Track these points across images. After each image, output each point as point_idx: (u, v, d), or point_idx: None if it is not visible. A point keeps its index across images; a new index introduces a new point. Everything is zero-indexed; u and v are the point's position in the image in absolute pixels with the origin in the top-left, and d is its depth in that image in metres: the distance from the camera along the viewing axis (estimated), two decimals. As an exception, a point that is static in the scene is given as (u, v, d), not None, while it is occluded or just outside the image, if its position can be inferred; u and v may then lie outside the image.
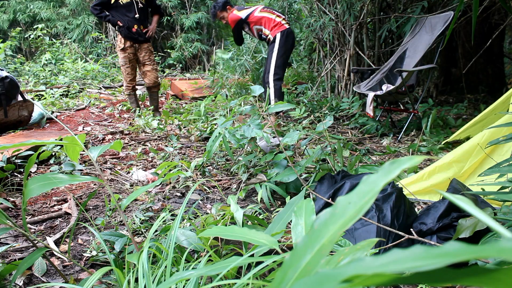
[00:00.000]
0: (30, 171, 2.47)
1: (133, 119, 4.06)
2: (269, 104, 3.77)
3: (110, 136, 3.45)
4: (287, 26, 3.89)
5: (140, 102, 4.72)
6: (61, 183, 0.98)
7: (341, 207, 0.34)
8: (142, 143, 3.28)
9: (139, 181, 2.38)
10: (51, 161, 2.68)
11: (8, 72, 3.65)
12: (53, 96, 5.08)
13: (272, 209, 1.97)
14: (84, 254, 1.52)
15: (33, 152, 2.43)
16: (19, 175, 2.35)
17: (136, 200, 2.05)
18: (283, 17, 3.94)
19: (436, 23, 3.42)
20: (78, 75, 6.47)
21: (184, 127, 3.75)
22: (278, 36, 3.82)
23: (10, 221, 1.00)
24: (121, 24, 4.02)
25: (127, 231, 1.52)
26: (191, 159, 2.85)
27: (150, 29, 4.19)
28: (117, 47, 4.21)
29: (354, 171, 2.22)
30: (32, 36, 7.69)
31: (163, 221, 1.66)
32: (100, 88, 5.91)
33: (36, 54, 8.22)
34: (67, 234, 1.66)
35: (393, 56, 3.87)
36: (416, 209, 1.64)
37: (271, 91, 3.81)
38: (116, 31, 4.23)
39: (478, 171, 1.91)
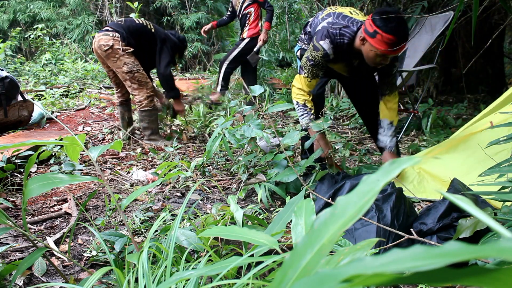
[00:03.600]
0: (30, 171, 2.47)
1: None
2: (217, 84, 4.47)
3: (110, 136, 3.45)
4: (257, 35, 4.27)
5: None
6: (61, 183, 0.98)
7: (341, 207, 0.34)
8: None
9: (139, 181, 2.38)
10: (51, 161, 2.68)
11: (8, 72, 3.65)
12: (53, 96, 5.07)
13: (272, 209, 1.97)
14: (84, 254, 1.52)
15: (33, 152, 2.43)
16: (19, 175, 2.35)
17: (136, 200, 2.05)
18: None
19: (436, 23, 3.42)
20: (78, 75, 6.45)
21: (184, 127, 3.75)
22: (248, 40, 4.25)
23: (10, 221, 1.00)
24: None
25: (127, 231, 1.52)
26: (191, 159, 2.85)
27: None
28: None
29: (354, 171, 2.22)
30: (32, 36, 7.67)
31: (163, 221, 1.66)
32: (100, 88, 5.90)
33: (36, 54, 8.21)
34: (67, 234, 1.66)
35: (393, 56, 3.86)
36: (416, 209, 1.64)
37: (221, 74, 4.41)
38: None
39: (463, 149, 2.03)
